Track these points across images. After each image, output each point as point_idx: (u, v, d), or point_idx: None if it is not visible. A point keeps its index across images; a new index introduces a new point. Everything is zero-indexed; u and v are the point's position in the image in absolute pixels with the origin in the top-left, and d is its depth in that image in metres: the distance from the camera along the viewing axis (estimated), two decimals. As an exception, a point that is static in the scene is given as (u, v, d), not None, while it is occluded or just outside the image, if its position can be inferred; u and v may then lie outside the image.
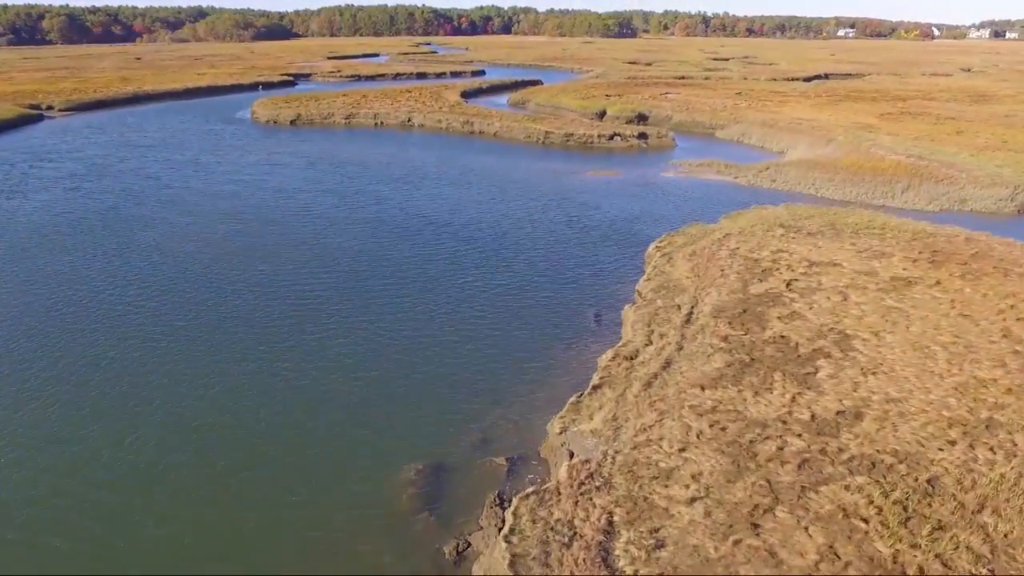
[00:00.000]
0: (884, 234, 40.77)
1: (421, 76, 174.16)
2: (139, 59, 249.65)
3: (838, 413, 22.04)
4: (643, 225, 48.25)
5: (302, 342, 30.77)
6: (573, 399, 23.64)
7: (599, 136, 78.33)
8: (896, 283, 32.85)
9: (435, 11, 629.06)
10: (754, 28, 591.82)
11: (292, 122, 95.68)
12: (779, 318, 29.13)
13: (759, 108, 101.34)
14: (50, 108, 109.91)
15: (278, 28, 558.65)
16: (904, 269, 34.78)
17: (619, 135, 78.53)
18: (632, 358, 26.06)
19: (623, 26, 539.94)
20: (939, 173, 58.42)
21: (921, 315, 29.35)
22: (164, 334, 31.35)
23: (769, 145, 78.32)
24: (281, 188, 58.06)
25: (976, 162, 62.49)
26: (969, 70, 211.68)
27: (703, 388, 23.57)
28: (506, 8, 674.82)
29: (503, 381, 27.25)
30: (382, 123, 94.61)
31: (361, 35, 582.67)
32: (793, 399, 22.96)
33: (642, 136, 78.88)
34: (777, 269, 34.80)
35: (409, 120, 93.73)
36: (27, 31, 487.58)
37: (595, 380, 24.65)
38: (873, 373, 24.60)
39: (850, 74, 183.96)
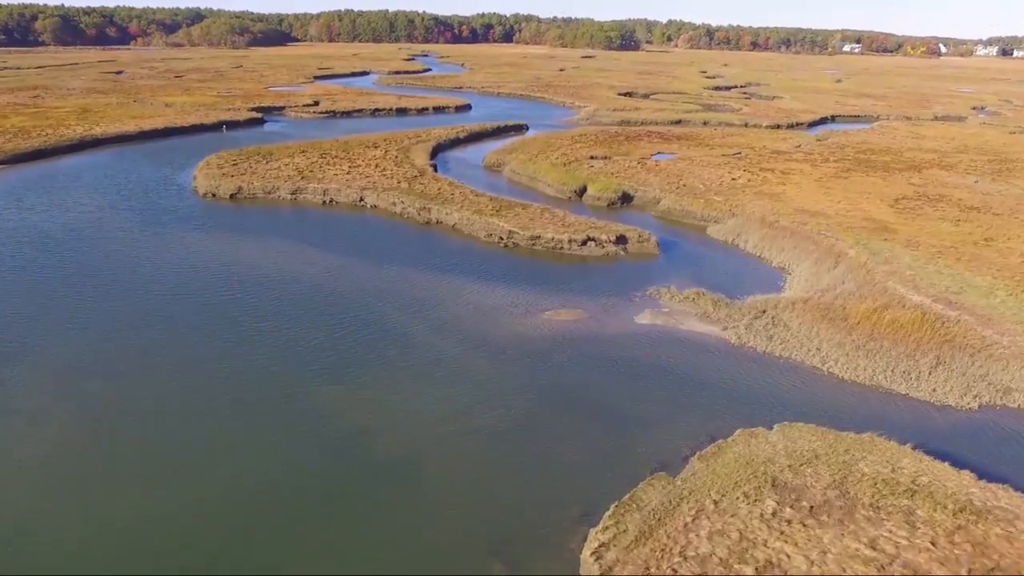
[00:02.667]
0: (913, 509, 29.85)
1: (401, 112, 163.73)
2: (119, 74, 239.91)
3: None
4: (592, 447, 37.26)
5: None
6: None
7: (570, 241, 67.37)
8: None
9: (436, 18, 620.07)
10: (759, 42, 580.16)
11: (232, 196, 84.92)
12: None
13: (759, 184, 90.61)
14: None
15: (275, 33, 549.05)
16: (949, 629, 23.91)
17: (593, 240, 67.60)
18: None
19: (625, 38, 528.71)
20: (973, 338, 47.42)
21: None
22: None
23: (768, 255, 67.37)
24: (153, 349, 47.02)
25: (1017, 312, 51.43)
26: (983, 108, 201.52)
27: None
28: (508, 16, 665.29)
29: None
30: (332, 201, 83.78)
31: (360, 40, 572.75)
32: None
33: (620, 240, 67.95)
34: (764, 628, 23.93)
35: (361, 200, 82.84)
36: (20, 32, 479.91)
37: None
38: None
39: (858, 116, 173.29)
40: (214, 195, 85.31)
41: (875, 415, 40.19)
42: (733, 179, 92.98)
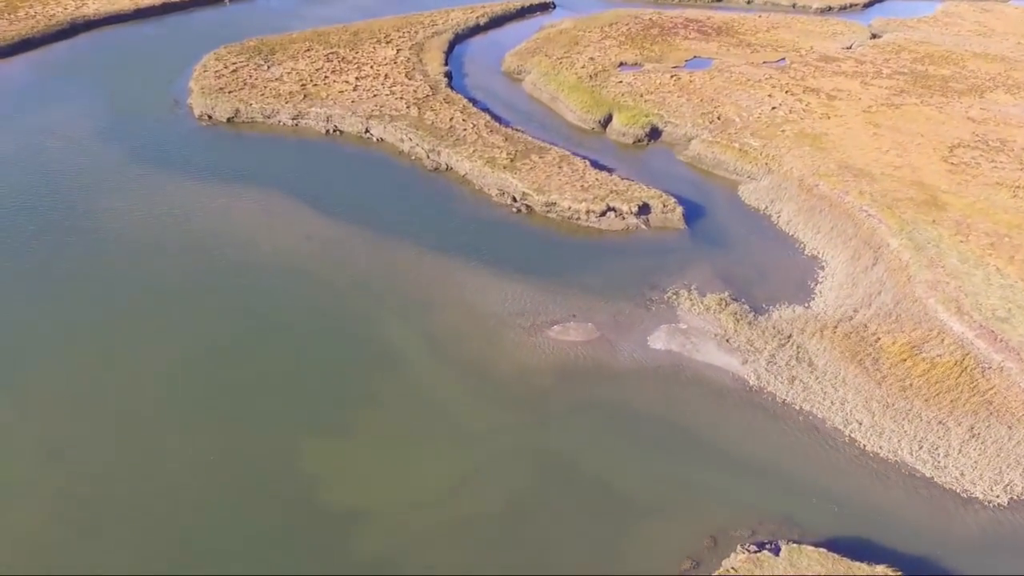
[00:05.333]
0: None
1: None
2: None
3: None
4: (585, 545, 35.30)
5: None
6: None
7: (588, 212, 62.31)
8: None
9: None
10: None
11: (230, 120, 79.03)
12: None
13: (801, 117, 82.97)
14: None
15: None
16: None
17: (614, 210, 62.49)
18: None
19: None
20: (1014, 399, 43.70)
21: None
22: None
23: (802, 236, 62.22)
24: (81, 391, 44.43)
25: (1067, 353, 47.20)
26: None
27: None
28: None
29: None
30: (336, 129, 77.78)
31: None
32: None
33: (643, 210, 62.82)
34: None
35: (367, 132, 76.78)
36: None
37: None
38: None
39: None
40: (210, 117, 79.35)
41: (892, 510, 37.83)
42: (773, 108, 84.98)
